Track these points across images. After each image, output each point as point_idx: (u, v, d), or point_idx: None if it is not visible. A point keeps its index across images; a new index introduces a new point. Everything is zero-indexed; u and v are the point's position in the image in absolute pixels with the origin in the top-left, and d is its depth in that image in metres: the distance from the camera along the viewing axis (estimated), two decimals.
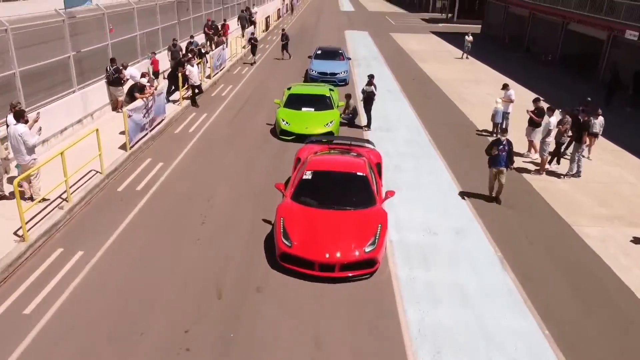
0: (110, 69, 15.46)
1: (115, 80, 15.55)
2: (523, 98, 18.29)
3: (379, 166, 11.07)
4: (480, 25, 43.89)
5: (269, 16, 41.81)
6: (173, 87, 17.63)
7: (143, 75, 14.25)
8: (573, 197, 12.01)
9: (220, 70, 23.63)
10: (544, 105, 13.91)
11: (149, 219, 10.09)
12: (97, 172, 11.50)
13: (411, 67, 27.47)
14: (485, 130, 16.60)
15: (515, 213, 11.02)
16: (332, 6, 68.34)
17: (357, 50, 31.92)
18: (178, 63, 17.57)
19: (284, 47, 27.38)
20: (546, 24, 31.09)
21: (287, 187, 10.00)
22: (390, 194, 9.52)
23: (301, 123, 14.95)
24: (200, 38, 26.05)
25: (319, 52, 24.06)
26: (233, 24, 33.92)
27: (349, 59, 24.84)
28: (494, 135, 16.13)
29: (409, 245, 9.46)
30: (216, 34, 26.69)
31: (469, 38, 30.08)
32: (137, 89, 13.79)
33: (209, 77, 21.76)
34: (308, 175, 9.57)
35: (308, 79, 22.45)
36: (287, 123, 14.93)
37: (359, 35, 39.31)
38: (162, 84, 17.38)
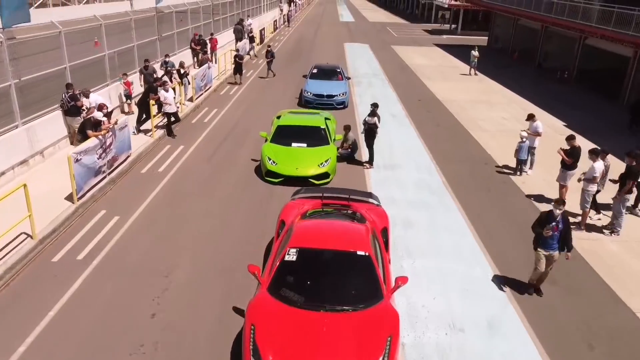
0: (65, 97, 13.08)
1: (71, 109, 13.16)
2: (544, 122, 15.82)
3: (385, 232, 8.59)
4: (486, 38, 41.65)
5: (264, 28, 39.54)
6: (144, 116, 15.22)
7: (100, 107, 11.79)
8: (626, 263, 9.60)
9: (205, 91, 21.27)
10: (579, 143, 11.55)
11: (81, 310, 7.62)
12: (29, 236, 9.09)
13: (416, 85, 25.13)
14: (507, 167, 14.22)
15: (561, 292, 8.58)
16: (331, 16, 66.16)
17: (358, 65, 29.63)
18: (150, 88, 15.16)
19: (269, 65, 25.32)
20: (561, 38, 28.78)
21: (264, 268, 7.58)
22: (401, 281, 7.04)
23: (290, 162, 12.54)
24: (184, 55, 23.75)
25: (315, 70, 21.74)
26: (224, 37, 31.62)
27: (348, 78, 22.51)
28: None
29: (427, 353, 7.02)
30: (203, 50, 24.41)
31: (475, 53, 27.82)
32: (89, 125, 11.33)
33: (191, 99, 19.41)
34: (291, 256, 7.14)
35: (302, 101, 20.11)
36: (273, 162, 12.53)
37: (360, 48, 37.05)
38: (129, 113, 15.01)
